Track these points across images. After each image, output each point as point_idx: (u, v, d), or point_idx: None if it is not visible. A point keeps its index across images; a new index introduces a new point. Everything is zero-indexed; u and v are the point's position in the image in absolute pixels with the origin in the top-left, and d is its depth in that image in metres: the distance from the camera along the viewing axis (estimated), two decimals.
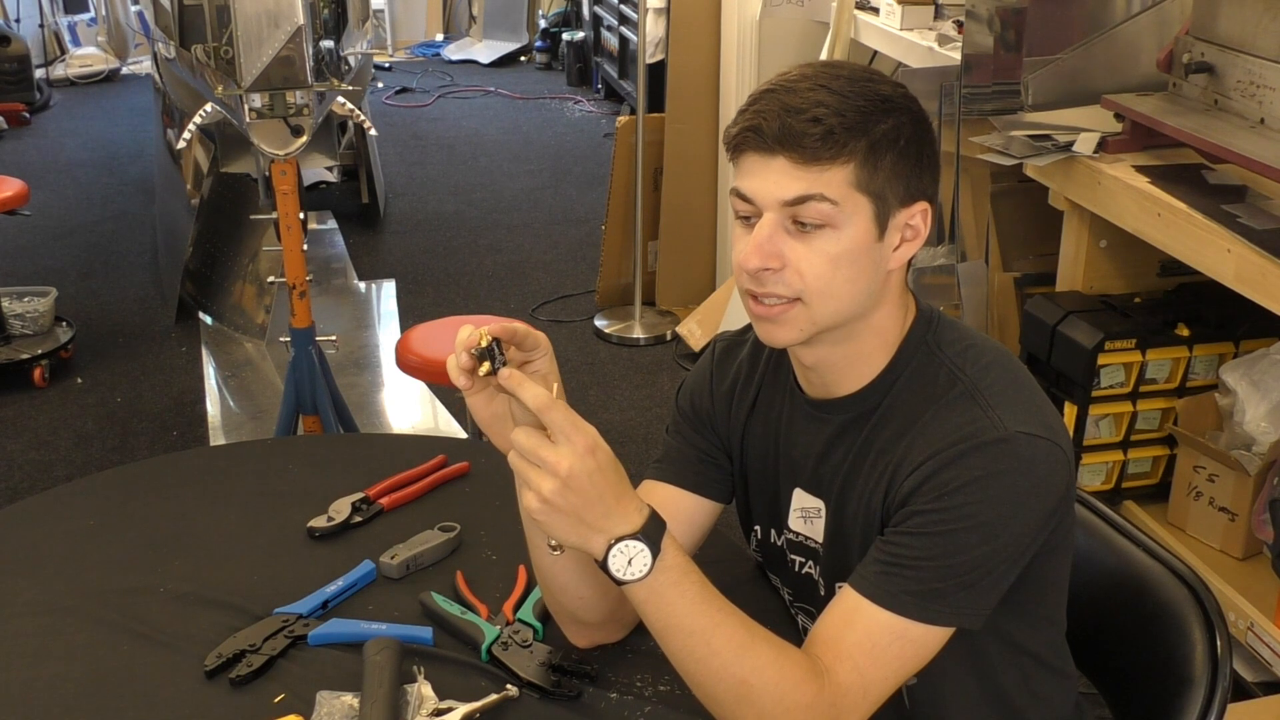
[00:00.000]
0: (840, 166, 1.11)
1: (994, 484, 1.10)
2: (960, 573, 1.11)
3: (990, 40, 2.67)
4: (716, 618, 1.09)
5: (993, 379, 1.16)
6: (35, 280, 4.18)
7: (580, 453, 1.03)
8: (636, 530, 1.05)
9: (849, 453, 1.22)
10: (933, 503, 1.11)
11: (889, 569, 1.12)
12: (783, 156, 1.11)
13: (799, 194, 1.11)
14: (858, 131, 1.11)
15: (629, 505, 1.06)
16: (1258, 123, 2.17)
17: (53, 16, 7.67)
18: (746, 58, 3.86)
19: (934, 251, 2.86)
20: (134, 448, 3.39)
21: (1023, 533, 1.12)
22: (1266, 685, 2.20)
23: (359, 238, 5.00)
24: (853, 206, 1.12)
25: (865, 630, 1.12)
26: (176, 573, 1.44)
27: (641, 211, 4.10)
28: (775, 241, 1.13)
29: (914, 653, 1.12)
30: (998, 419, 1.12)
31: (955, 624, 1.13)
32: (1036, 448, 1.12)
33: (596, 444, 1.04)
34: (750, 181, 1.13)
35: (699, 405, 1.36)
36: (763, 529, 1.36)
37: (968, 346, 1.20)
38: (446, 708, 1.19)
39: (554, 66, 8.02)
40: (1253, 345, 2.37)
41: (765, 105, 1.12)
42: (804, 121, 1.10)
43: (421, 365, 2.59)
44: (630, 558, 1.05)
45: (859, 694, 1.10)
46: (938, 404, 1.16)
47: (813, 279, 1.13)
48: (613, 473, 1.05)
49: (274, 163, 2.55)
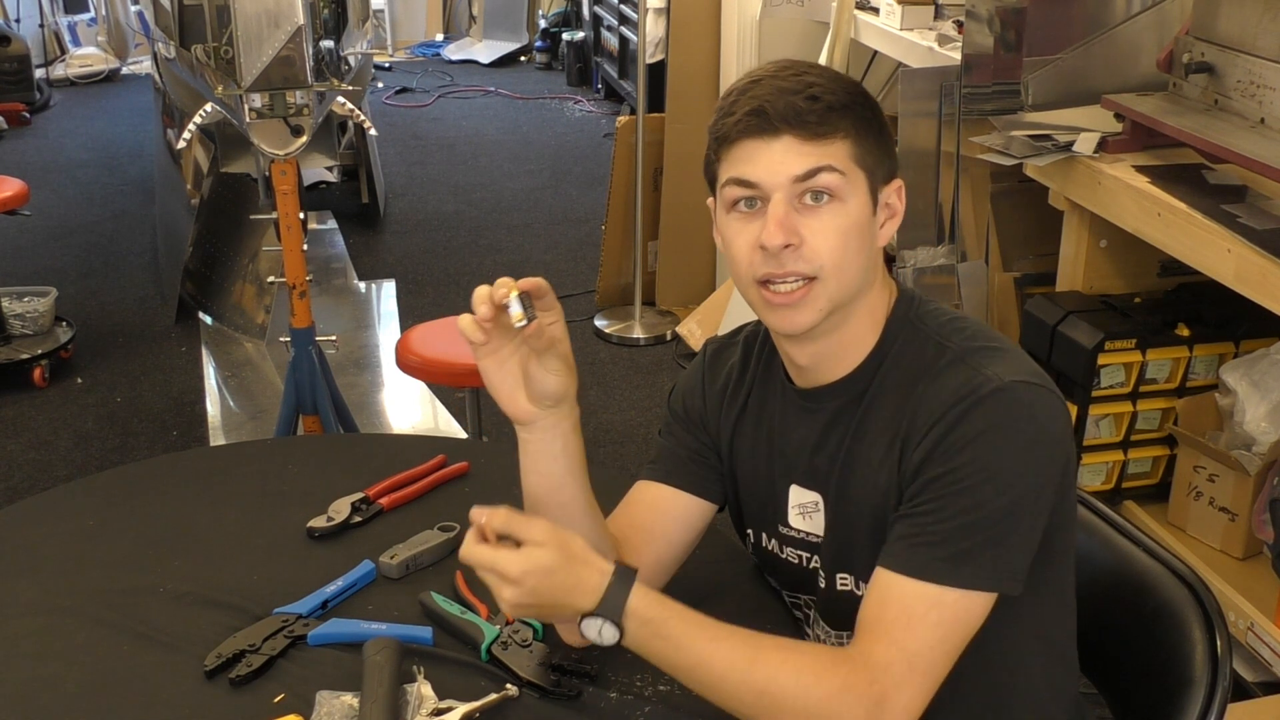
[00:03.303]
0: (840, 140, 1.15)
1: (1000, 434, 1.12)
2: (984, 528, 1.11)
3: (990, 40, 2.67)
4: (710, 646, 1.11)
5: (979, 344, 1.19)
6: (35, 280, 4.18)
7: (527, 557, 1.10)
8: (595, 607, 1.11)
9: (844, 438, 1.23)
10: (944, 464, 1.13)
11: (914, 540, 1.13)
12: (787, 135, 1.14)
13: (809, 167, 1.14)
14: (849, 109, 1.16)
15: (586, 584, 1.11)
16: (1258, 123, 2.17)
17: (53, 16, 7.67)
18: (746, 58, 3.86)
19: (934, 251, 2.86)
20: (134, 448, 3.39)
21: (1036, 481, 1.13)
22: (1266, 685, 2.19)
23: (359, 238, 5.00)
24: (854, 179, 1.17)
25: (899, 604, 1.12)
26: (176, 573, 1.44)
27: (641, 211, 4.10)
28: (791, 219, 1.15)
29: (954, 619, 1.11)
30: (992, 374, 1.15)
31: (993, 587, 1.12)
32: (1034, 394, 1.14)
33: (544, 540, 1.11)
34: (753, 166, 1.15)
35: (691, 406, 1.37)
36: (755, 532, 1.37)
37: (950, 319, 1.23)
38: (446, 707, 1.19)
39: (554, 66, 8.02)
40: (1253, 345, 2.37)
41: (760, 91, 1.16)
42: (804, 99, 1.14)
43: (421, 365, 2.59)
44: (599, 628, 1.12)
45: (903, 668, 1.09)
46: (929, 374, 1.18)
47: (828, 253, 1.15)
48: (562, 561, 1.11)
49: (274, 163, 2.55)
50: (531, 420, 1.22)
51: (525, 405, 1.21)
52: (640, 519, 1.33)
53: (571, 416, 1.23)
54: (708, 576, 1.42)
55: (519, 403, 1.21)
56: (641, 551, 1.31)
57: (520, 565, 1.10)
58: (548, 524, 1.15)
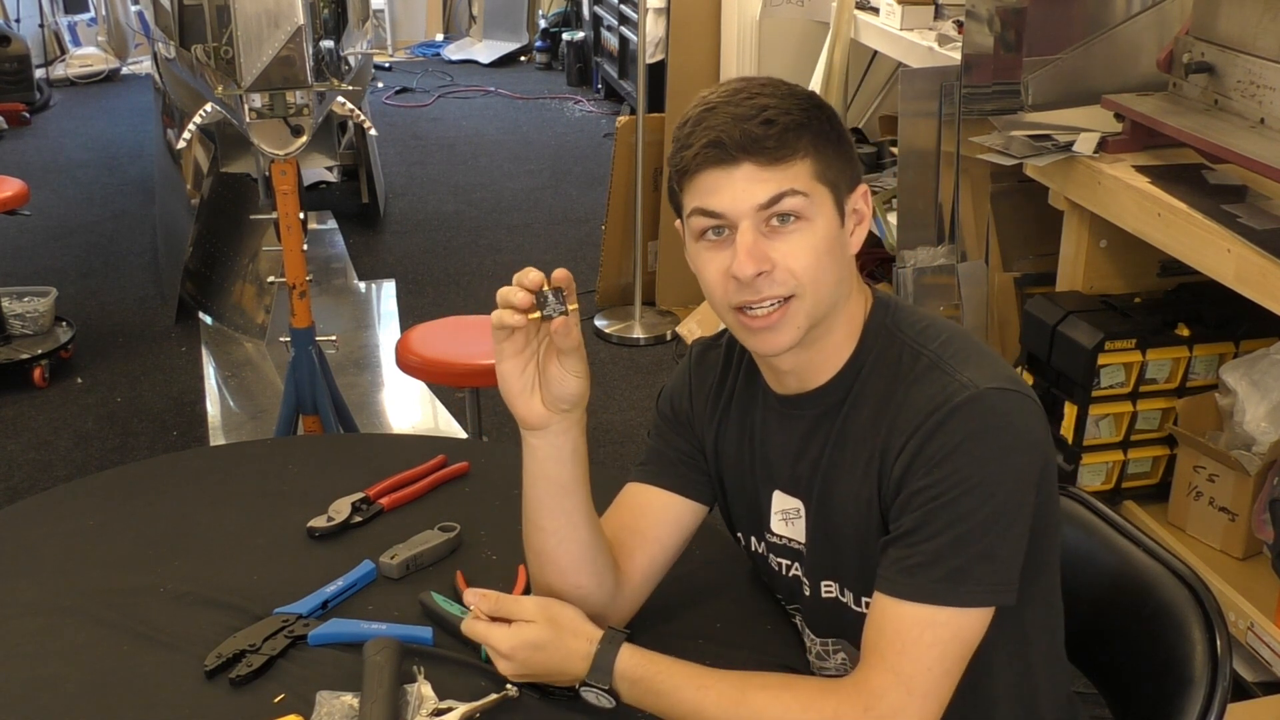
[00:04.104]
0: (800, 160, 1.14)
1: (979, 443, 1.12)
2: (973, 541, 1.11)
3: (990, 40, 2.67)
4: (698, 695, 1.14)
5: (954, 349, 1.19)
6: (35, 280, 4.18)
7: (516, 634, 1.18)
8: (585, 676, 1.17)
9: (825, 446, 1.23)
10: (925, 477, 1.13)
11: (905, 563, 1.13)
12: (747, 163, 1.13)
13: (771, 194, 1.13)
14: (804, 127, 1.15)
15: (577, 653, 1.18)
16: (1258, 123, 2.17)
17: (53, 16, 7.67)
18: (746, 58, 3.86)
19: (934, 251, 2.86)
20: (134, 448, 3.39)
21: (1017, 488, 1.13)
22: (1266, 685, 2.20)
23: (359, 238, 5.00)
24: (818, 197, 1.16)
25: (894, 628, 1.12)
26: (176, 573, 1.44)
27: (641, 211, 4.10)
28: (760, 246, 1.14)
29: (950, 638, 1.11)
30: (967, 379, 1.14)
31: (989, 601, 1.13)
32: (1009, 401, 1.14)
33: (533, 616, 1.18)
34: (716, 197, 1.15)
35: (679, 408, 1.37)
36: (744, 536, 1.37)
37: (926, 325, 1.23)
38: (446, 708, 1.19)
39: (554, 66, 8.02)
40: (1253, 345, 2.37)
41: (715, 121, 1.14)
42: (758, 125, 1.13)
43: (421, 365, 2.59)
44: (596, 695, 1.18)
45: (900, 693, 1.10)
46: (905, 381, 1.18)
47: (803, 270, 1.15)
48: (551, 634, 1.18)
49: (274, 163, 2.55)
50: (544, 425, 1.20)
51: (539, 409, 1.20)
52: (631, 522, 1.33)
53: (582, 421, 1.22)
54: (708, 576, 1.43)
55: (533, 407, 1.19)
56: (634, 554, 1.31)
57: (509, 642, 1.18)
58: (537, 600, 1.21)
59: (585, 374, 1.19)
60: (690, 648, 1.25)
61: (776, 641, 1.34)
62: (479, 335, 2.60)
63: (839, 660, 1.32)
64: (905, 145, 2.88)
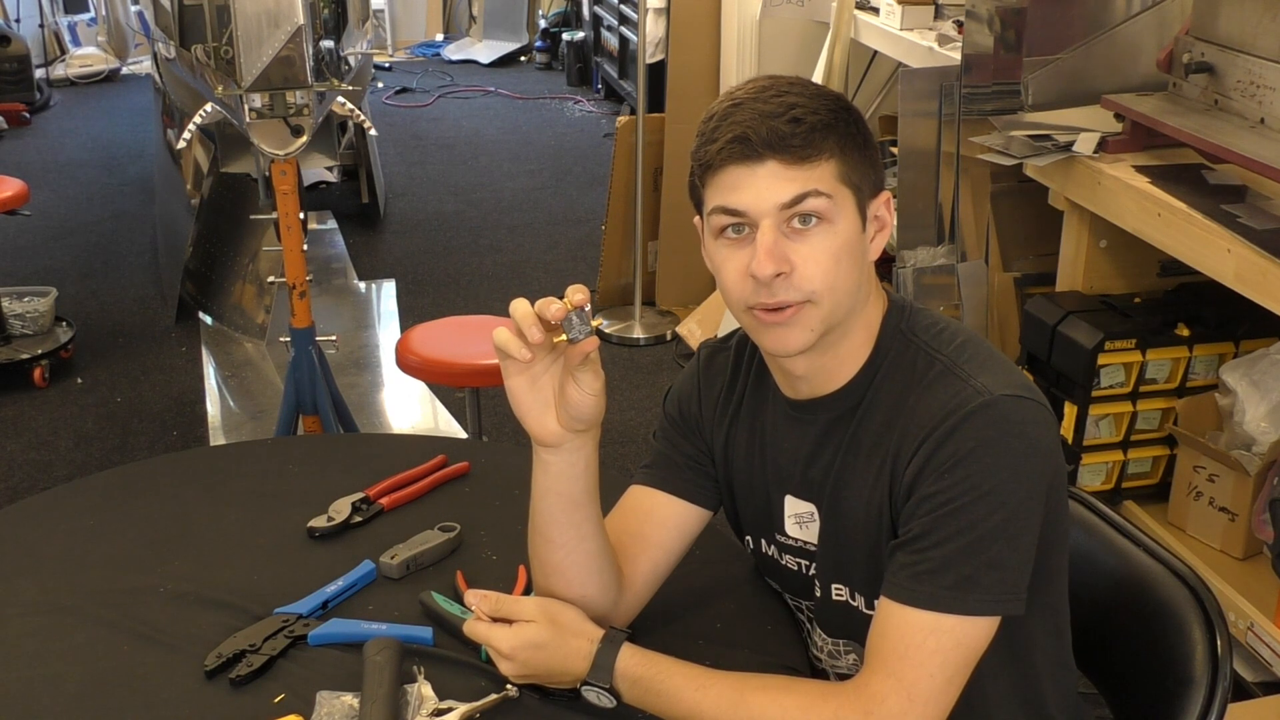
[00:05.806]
0: (825, 161, 1.13)
1: (991, 451, 1.11)
2: (982, 549, 1.11)
3: (990, 40, 2.67)
4: (697, 695, 1.15)
5: (968, 354, 1.18)
6: (35, 280, 4.18)
7: (517, 634, 1.18)
8: (586, 675, 1.18)
9: (838, 451, 1.23)
10: (936, 483, 1.12)
11: (914, 569, 1.12)
12: (771, 160, 1.12)
13: (795, 194, 1.12)
14: (831, 127, 1.14)
15: (578, 653, 1.18)
16: (1258, 123, 2.17)
17: (53, 16, 7.67)
18: (746, 58, 3.86)
19: (934, 251, 2.86)
20: (134, 448, 3.39)
21: (1028, 496, 1.13)
22: (1266, 685, 2.19)
23: (359, 238, 5.00)
24: (841, 199, 1.15)
25: (898, 634, 1.12)
26: (176, 573, 1.44)
27: (641, 211, 4.10)
28: (780, 246, 1.13)
29: (954, 645, 1.11)
30: (980, 385, 1.14)
31: (996, 610, 1.12)
32: (1023, 408, 1.14)
33: (533, 616, 1.19)
34: (738, 194, 1.13)
35: (686, 411, 1.36)
36: (754, 539, 1.37)
37: (940, 329, 1.22)
38: (446, 708, 1.19)
39: (554, 66, 8.02)
40: (1253, 345, 2.37)
41: (741, 116, 1.13)
42: (786, 123, 1.12)
43: (421, 365, 2.59)
44: (597, 694, 1.18)
45: (901, 699, 1.10)
46: (920, 386, 1.17)
47: (820, 277, 1.14)
48: (552, 634, 1.18)
49: (274, 163, 2.55)
50: (559, 443, 1.18)
51: (553, 427, 1.17)
52: (635, 527, 1.32)
53: (596, 437, 1.21)
54: (708, 576, 1.42)
55: (547, 425, 1.17)
56: (637, 559, 1.30)
57: (511, 642, 1.18)
58: (537, 600, 1.21)
59: (602, 391, 1.16)
60: (690, 648, 1.25)
61: (776, 641, 1.34)
62: (479, 335, 2.60)
63: (850, 661, 1.32)
64: (905, 145, 2.88)
